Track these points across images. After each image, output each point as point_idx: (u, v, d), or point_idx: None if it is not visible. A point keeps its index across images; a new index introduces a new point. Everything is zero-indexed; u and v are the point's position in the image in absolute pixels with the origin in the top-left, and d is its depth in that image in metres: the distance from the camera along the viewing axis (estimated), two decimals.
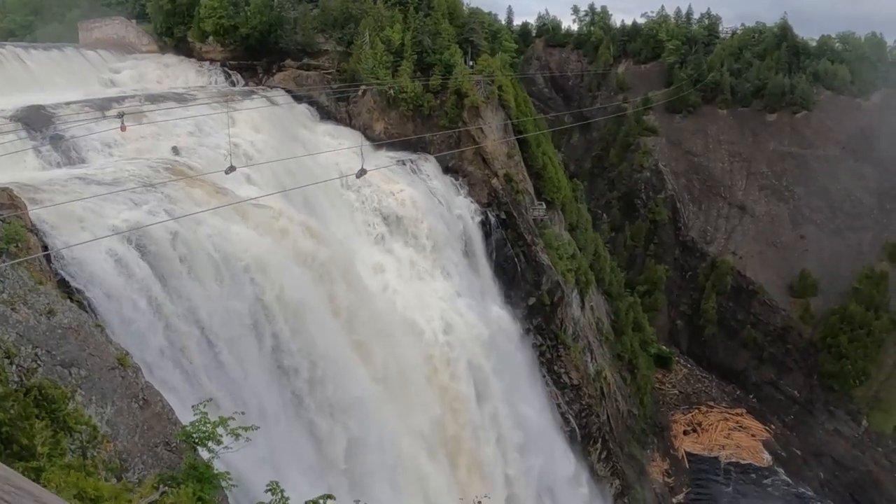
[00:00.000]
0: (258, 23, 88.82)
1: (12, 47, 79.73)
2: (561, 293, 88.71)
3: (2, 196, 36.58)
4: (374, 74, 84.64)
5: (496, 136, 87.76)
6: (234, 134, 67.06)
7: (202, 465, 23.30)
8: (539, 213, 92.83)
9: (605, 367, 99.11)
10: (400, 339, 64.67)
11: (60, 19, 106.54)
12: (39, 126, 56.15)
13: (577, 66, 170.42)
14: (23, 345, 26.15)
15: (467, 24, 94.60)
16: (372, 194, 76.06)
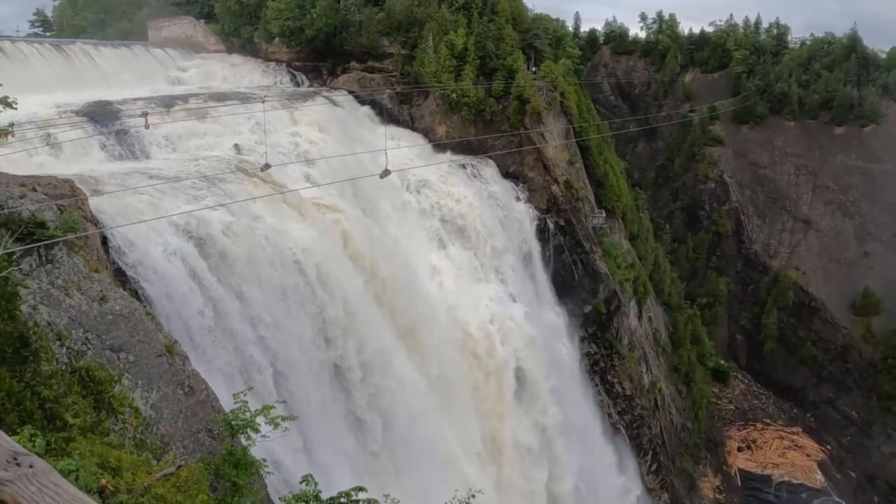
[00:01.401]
0: (324, 25, 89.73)
1: (82, 44, 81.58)
2: (618, 302, 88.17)
3: (63, 187, 37.47)
4: (438, 78, 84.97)
5: (557, 143, 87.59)
6: (296, 133, 67.96)
7: (239, 451, 23.69)
8: (598, 221, 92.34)
9: (661, 379, 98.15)
10: (451, 339, 64.83)
11: (130, 18, 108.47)
12: (105, 121, 57.27)
13: (643, 74, 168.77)
14: (74, 328, 26.80)
15: (531, 29, 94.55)
16: (433, 197, 76.31)
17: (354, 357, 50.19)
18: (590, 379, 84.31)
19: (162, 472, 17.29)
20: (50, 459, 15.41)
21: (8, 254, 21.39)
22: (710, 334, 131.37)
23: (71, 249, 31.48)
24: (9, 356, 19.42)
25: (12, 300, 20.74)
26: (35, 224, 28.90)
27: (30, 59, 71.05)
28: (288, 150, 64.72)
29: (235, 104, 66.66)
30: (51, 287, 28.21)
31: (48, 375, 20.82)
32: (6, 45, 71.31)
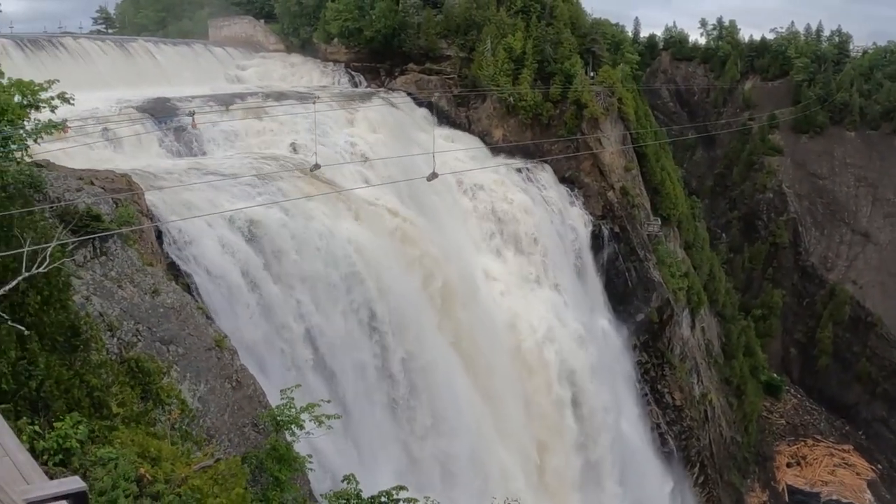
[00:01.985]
0: (382, 26, 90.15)
1: (143, 42, 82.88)
2: (671, 311, 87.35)
3: (120, 181, 37.99)
4: (495, 81, 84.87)
5: (614, 149, 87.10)
6: (353, 134, 68.23)
7: (283, 446, 23.87)
8: (654, 229, 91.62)
9: (711, 391, 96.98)
10: (502, 343, 64.68)
11: (191, 16, 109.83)
12: (164, 117, 57.95)
13: (703, 81, 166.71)
14: (125, 320, 27.12)
15: (589, 34, 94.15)
16: (488, 200, 76.20)
17: (403, 358, 50.22)
18: (640, 388, 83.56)
19: (200, 465, 17.43)
20: (92, 447, 15.56)
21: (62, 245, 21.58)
22: (764, 347, 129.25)
23: (125, 242, 31.82)
24: (59, 345, 19.63)
25: (65, 290, 20.96)
26: (90, 217, 29.24)
27: (92, 55, 72.20)
28: (344, 149, 64.97)
29: (293, 103, 67.04)
30: (104, 279, 28.54)
31: (97, 365, 21.04)
32: (69, 42, 72.59)
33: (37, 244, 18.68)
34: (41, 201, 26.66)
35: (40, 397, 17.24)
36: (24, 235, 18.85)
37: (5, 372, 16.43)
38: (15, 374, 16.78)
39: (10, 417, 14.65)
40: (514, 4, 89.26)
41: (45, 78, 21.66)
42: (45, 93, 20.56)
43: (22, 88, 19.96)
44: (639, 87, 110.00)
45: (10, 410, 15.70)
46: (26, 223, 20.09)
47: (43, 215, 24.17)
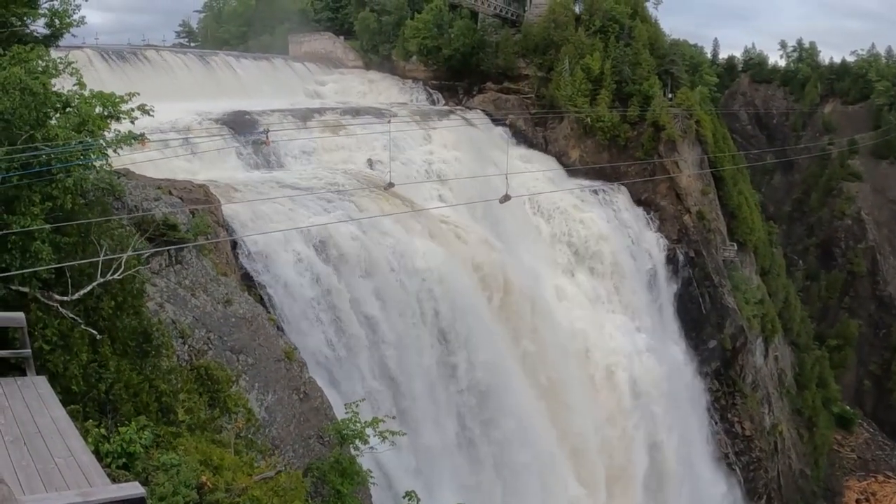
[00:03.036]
0: (461, 45, 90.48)
1: (224, 55, 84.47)
2: (744, 339, 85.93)
3: (198, 192, 38.63)
4: (573, 102, 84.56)
5: (691, 172, 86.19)
6: (429, 151, 68.46)
7: (346, 460, 24.02)
8: (729, 255, 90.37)
9: (782, 422, 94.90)
10: (572, 366, 64.26)
11: (272, 31, 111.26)
12: (243, 130, 58.79)
13: (782, 104, 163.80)
14: (197, 328, 27.57)
15: (668, 55, 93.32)
16: (562, 222, 75.93)
17: (473, 377, 50.14)
18: (710, 416, 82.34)
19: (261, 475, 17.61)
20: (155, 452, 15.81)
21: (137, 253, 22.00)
22: (838, 378, 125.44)
23: (200, 252, 32.34)
24: (131, 349, 20.01)
25: (139, 297, 21.36)
26: (167, 226, 29.74)
27: (174, 68, 73.68)
28: (421, 167, 65.25)
29: (370, 120, 67.54)
30: (178, 287, 29.04)
31: (167, 371, 21.43)
32: (152, 55, 74.25)
33: (113, 251, 19.08)
34: (119, 209, 27.24)
35: (109, 400, 17.60)
36: (100, 242, 19.26)
37: (76, 374, 16.81)
38: (85, 376, 17.16)
39: (77, 418, 14.98)
40: (593, 24, 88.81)
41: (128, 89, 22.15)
42: (126, 104, 20.98)
43: (103, 100, 20.39)
44: (717, 110, 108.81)
45: (79, 411, 16.05)
46: (104, 230, 20.51)
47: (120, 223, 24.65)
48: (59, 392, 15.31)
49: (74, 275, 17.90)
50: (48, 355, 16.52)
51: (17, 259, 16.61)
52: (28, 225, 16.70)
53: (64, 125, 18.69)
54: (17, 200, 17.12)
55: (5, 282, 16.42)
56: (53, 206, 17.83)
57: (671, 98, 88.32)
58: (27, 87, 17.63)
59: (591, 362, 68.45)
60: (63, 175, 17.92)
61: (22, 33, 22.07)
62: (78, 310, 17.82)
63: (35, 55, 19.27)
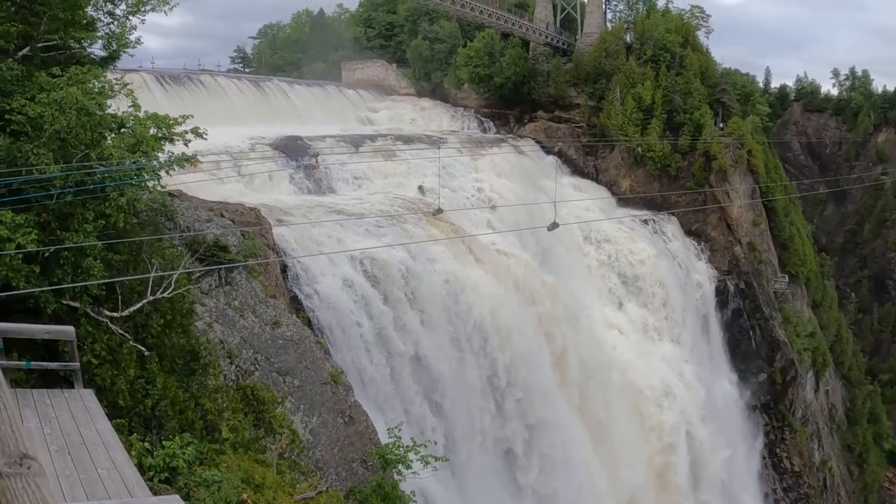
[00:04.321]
0: (512, 73, 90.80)
1: (278, 81, 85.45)
2: (794, 372, 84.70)
3: (249, 214, 39.08)
4: (624, 131, 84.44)
5: (742, 202, 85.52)
6: (480, 179, 68.63)
7: (388, 484, 24.03)
8: (780, 287, 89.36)
9: (832, 458, 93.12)
10: (620, 397, 63.81)
11: (325, 58, 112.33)
12: (296, 155, 59.33)
13: (835, 133, 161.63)
14: (245, 348, 27.84)
15: (719, 84, 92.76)
16: (612, 251, 75.68)
17: (519, 406, 49.95)
18: (758, 451, 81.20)
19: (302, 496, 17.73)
20: (198, 468, 16.00)
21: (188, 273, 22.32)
22: (889, 414, 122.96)
23: (250, 274, 32.69)
24: (178, 367, 20.29)
25: (188, 316, 21.67)
26: (217, 247, 30.13)
27: (228, 92, 74.68)
28: (471, 194, 65.44)
29: (421, 146, 67.89)
30: (227, 307, 29.34)
31: (213, 389, 21.68)
32: (207, 79, 75.40)
33: (164, 270, 19.38)
34: (171, 229, 27.60)
35: (154, 416, 17.84)
36: (151, 260, 19.60)
37: (123, 388, 17.07)
38: (132, 391, 17.43)
39: (122, 432, 15.20)
40: (644, 54, 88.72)
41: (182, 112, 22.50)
42: (180, 127, 21.32)
43: (157, 121, 20.75)
44: (769, 139, 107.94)
45: (124, 425, 16.29)
46: (155, 249, 20.87)
47: (172, 243, 25.05)
48: (106, 406, 15.55)
49: (125, 292, 18.21)
50: (96, 369, 16.80)
51: (69, 274, 16.93)
52: (81, 241, 17.02)
53: (119, 145, 19.05)
54: (71, 217, 17.47)
55: (57, 296, 16.74)
56: (106, 224, 18.17)
57: (722, 127, 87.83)
58: (84, 107, 18.00)
59: (639, 393, 67.87)
60: (116, 194, 18.27)
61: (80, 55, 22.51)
62: (127, 326, 18.12)
63: (92, 76, 19.66)
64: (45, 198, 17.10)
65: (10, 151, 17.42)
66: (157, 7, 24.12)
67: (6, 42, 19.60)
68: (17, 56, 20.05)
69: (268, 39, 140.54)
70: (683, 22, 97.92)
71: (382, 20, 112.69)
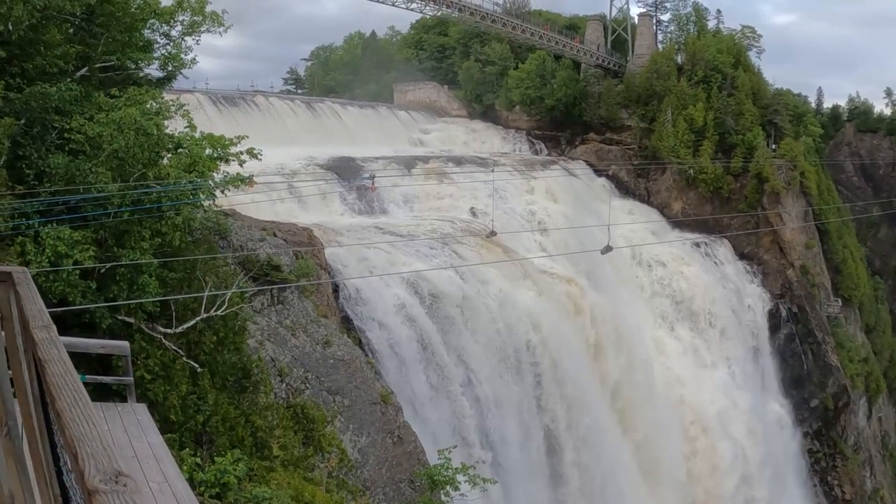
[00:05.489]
0: (563, 95, 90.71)
1: (331, 103, 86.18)
2: (847, 398, 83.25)
3: (302, 234, 39.45)
4: (675, 153, 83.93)
5: (795, 225, 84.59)
6: (532, 201, 68.56)
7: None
8: (834, 311, 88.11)
9: (884, 486, 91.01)
10: (669, 421, 63.24)
11: (377, 80, 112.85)
12: (348, 175, 59.69)
13: (889, 154, 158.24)
14: (295, 367, 28.05)
15: (771, 105, 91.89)
16: (663, 274, 75.19)
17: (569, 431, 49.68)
18: (809, 478, 79.90)
19: None
20: (248, 484, 16.16)
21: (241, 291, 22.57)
22: None
23: (302, 293, 32.94)
24: (230, 384, 20.51)
25: (240, 334, 21.90)
26: (270, 266, 30.44)
27: (281, 113, 75.40)
28: (523, 216, 65.33)
29: (473, 168, 67.97)
30: (279, 326, 29.60)
31: (264, 407, 21.89)
32: (260, 100, 76.23)
33: (217, 288, 19.64)
34: (225, 248, 27.99)
35: (205, 431, 18.07)
36: (205, 279, 19.85)
37: (175, 404, 17.31)
38: (184, 406, 17.67)
39: (174, 447, 15.40)
40: (695, 75, 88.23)
41: (236, 132, 22.85)
42: (234, 147, 21.62)
43: (213, 142, 21.06)
44: (822, 161, 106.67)
45: (175, 440, 16.51)
46: (209, 268, 21.13)
47: (225, 261, 25.34)
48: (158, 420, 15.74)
49: (179, 309, 18.48)
50: (149, 384, 17.06)
51: (124, 291, 17.24)
52: (137, 259, 17.31)
53: (175, 165, 19.39)
54: (128, 235, 17.79)
55: (112, 311, 17.04)
56: (162, 242, 18.48)
57: (775, 149, 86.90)
58: (141, 127, 18.36)
59: (689, 417, 67.23)
60: (172, 213, 18.57)
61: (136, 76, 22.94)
62: (180, 343, 18.39)
63: (149, 97, 20.02)
64: (103, 216, 17.43)
65: (69, 170, 17.78)
66: (211, 28, 24.51)
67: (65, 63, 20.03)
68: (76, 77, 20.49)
69: (320, 61, 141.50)
70: (735, 42, 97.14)
71: (434, 42, 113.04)
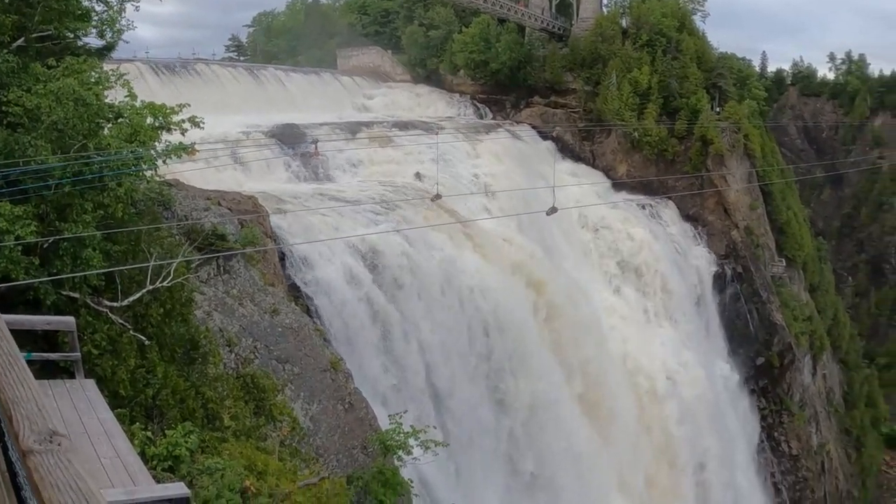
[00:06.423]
0: (508, 59, 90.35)
1: (274, 69, 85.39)
2: (792, 356, 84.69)
3: (246, 203, 39.12)
4: (620, 116, 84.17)
5: (739, 186, 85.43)
6: (477, 165, 68.55)
7: (389, 470, 24.11)
8: (778, 271, 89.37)
9: (830, 441, 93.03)
10: (618, 381, 63.86)
11: (321, 46, 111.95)
12: (292, 143, 59.25)
13: (831, 118, 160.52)
14: (244, 337, 27.90)
15: (715, 68, 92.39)
16: (608, 236, 75.63)
17: (518, 390, 50.04)
18: (757, 434, 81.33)
19: (305, 482, 17.83)
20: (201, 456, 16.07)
21: (186, 261, 22.33)
22: (887, 397, 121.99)
23: (248, 262, 32.71)
24: (178, 356, 20.33)
25: (187, 305, 21.71)
26: (216, 236, 30.16)
27: (224, 81, 74.53)
28: (468, 180, 65.28)
29: (418, 133, 67.74)
30: (226, 296, 29.39)
31: (213, 378, 21.75)
32: (202, 68, 75.25)
33: (162, 259, 19.39)
34: (169, 219, 27.65)
35: (156, 405, 17.91)
36: (150, 250, 19.59)
37: (124, 378, 17.12)
38: (133, 380, 17.48)
39: (124, 422, 15.24)
40: (640, 38, 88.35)
41: (178, 101, 22.48)
42: (176, 116, 21.30)
43: (154, 111, 20.73)
44: (765, 124, 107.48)
45: (126, 415, 16.34)
46: (153, 239, 20.87)
47: (170, 232, 25.06)
48: (107, 396, 15.54)
49: (124, 281, 18.22)
50: (97, 359, 16.82)
51: (68, 265, 16.95)
52: (80, 232, 17.01)
53: (116, 135, 19.05)
54: (70, 208, 17.47)
55: (57, 287, 16.76)
56: (105, 215, 18.16)
57: (719, 112, 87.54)
58: (80, 97, 17.99)
59: (637, 377, 67.94)
60: (114, 184, 18.27)
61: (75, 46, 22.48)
62: (127, 316, 18.16)
63: (88, 67, 19.63)
64: (44, 189, 17.10)
65: (8, 143, 17.40)
66: None
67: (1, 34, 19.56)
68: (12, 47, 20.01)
69: (262, 28, 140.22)
70: (679, 6, 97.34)
71: (377, 7, 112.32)
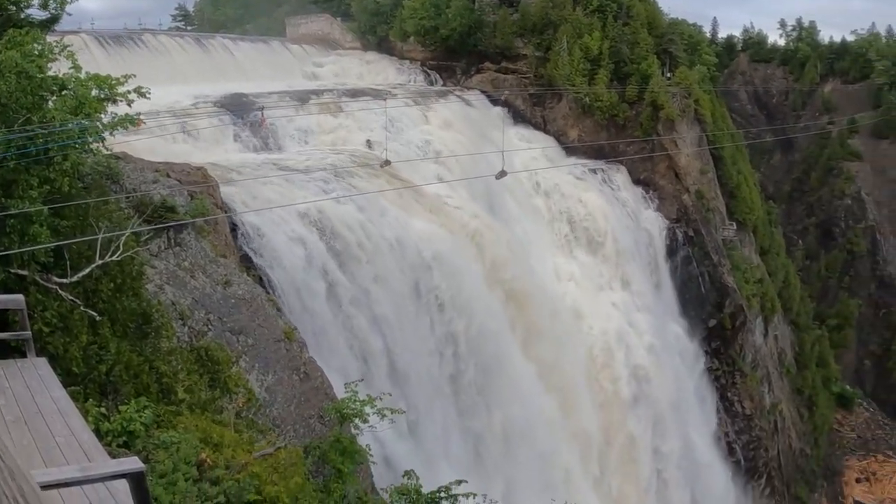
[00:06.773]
0: (458, 25, 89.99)
1: (222, 39, 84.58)
2: (743, 318, 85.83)
3: (196, 174, 38.76)
4: (571, 81, 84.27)
5: (690, 151, 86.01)
6: (428, 132, 68.48)
7: (346, 439, 24.13)
8: (729, 234, 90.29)
9: (782, 401, 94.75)
10: (571, 344, 64.37)
11: (269, 14, 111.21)
12: (241, 112, 58.79)
13: (781, 84, 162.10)
14: (197, 309, 27.76)
15: (666, 34, 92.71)
16: (561, 201, 75.88)
17: (471, 355, 50.37)
18: (710, 395, 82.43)
19: (260, 452, 17.85)
20: (156, 431, 16.01)
21: (136, 234, 22.13)
22: (838, 358, 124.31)
23: (199, 234, 32.50)
24: (131, 331, 20.17)
25: (138, 279, 21.50)
26: (165, 208, 29.94)
27: (171, 51, 73.61)
28: (419, 147, 65.23)
29: (368, 100, 67.47)
30: (177, 269, 29.20)
31: (167, 352, 21.62)
32: (148, 38, 74.19)
33: (111, 233, 19.18)
34: (117, 192, 27.36)
35: (109, 381, 17.78)
36: (99, 225, 19.35)
37: (76, 355, 16.97)
38: (86, 357, 17.32)
39: (78, 399, 15.14)
40: (591, 4, 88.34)
41: (124, 72, 22.17)
42: (122, 87, 21.02)
43: (99, 82, 20.43)
44: (716, 89, 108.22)
45: (80, 393, 16.23)
46: (102, 213, 20.62)
47: (118, 205, 24.79)
48: (60, 374, 15.44)
49: (73, 257, 18.02)
50: (48, 337, 16.66)
51: (15, 243, 16.70)
52: (26, 208, 16.78)
53: (60, 108, 18.76)
54: (15, 184, 17.21)
55: (4, 264, 16.53)
56: (51, 190, 17.92)
57: (670, 77, 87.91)
58: (23, 70, 17.69)
59: (590, 340, 68.51)
60: (60, 158, 18.00)
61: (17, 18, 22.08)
62: (77, 292, 17.96)
63: (31, 39, 19.29)
64: None
65: None
66: None
67: None
68: None
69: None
70: None
71: None
